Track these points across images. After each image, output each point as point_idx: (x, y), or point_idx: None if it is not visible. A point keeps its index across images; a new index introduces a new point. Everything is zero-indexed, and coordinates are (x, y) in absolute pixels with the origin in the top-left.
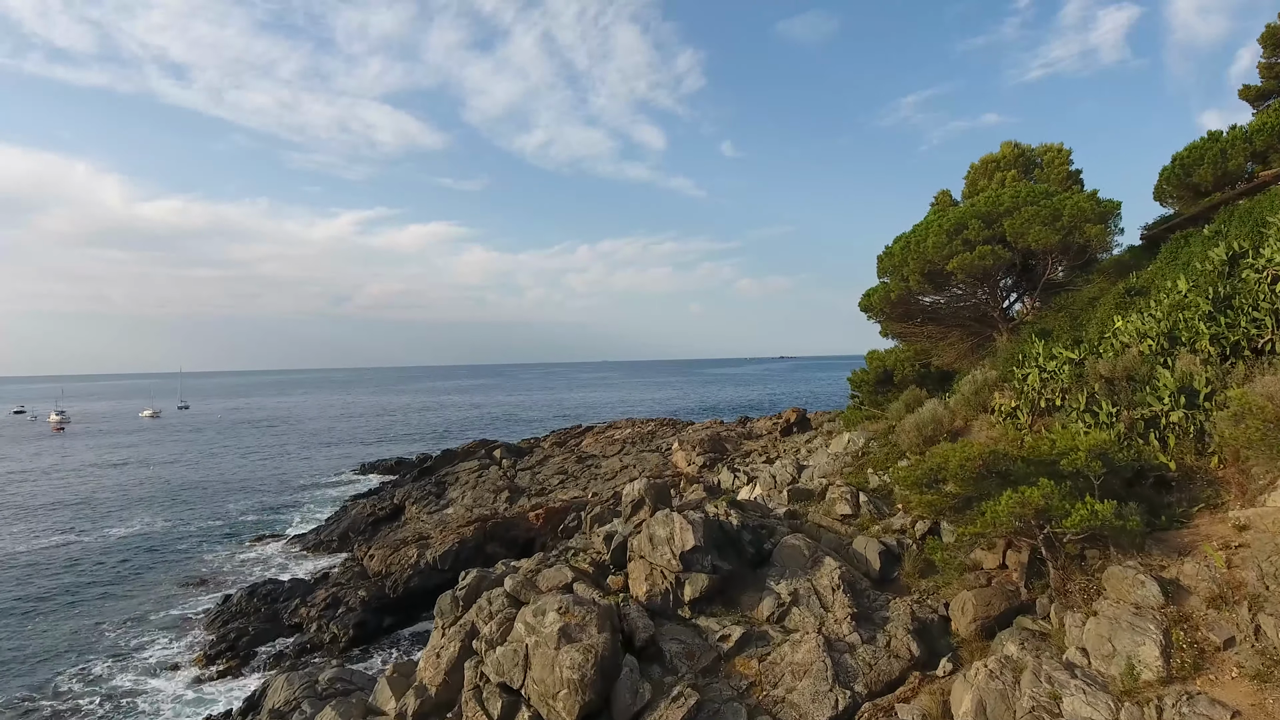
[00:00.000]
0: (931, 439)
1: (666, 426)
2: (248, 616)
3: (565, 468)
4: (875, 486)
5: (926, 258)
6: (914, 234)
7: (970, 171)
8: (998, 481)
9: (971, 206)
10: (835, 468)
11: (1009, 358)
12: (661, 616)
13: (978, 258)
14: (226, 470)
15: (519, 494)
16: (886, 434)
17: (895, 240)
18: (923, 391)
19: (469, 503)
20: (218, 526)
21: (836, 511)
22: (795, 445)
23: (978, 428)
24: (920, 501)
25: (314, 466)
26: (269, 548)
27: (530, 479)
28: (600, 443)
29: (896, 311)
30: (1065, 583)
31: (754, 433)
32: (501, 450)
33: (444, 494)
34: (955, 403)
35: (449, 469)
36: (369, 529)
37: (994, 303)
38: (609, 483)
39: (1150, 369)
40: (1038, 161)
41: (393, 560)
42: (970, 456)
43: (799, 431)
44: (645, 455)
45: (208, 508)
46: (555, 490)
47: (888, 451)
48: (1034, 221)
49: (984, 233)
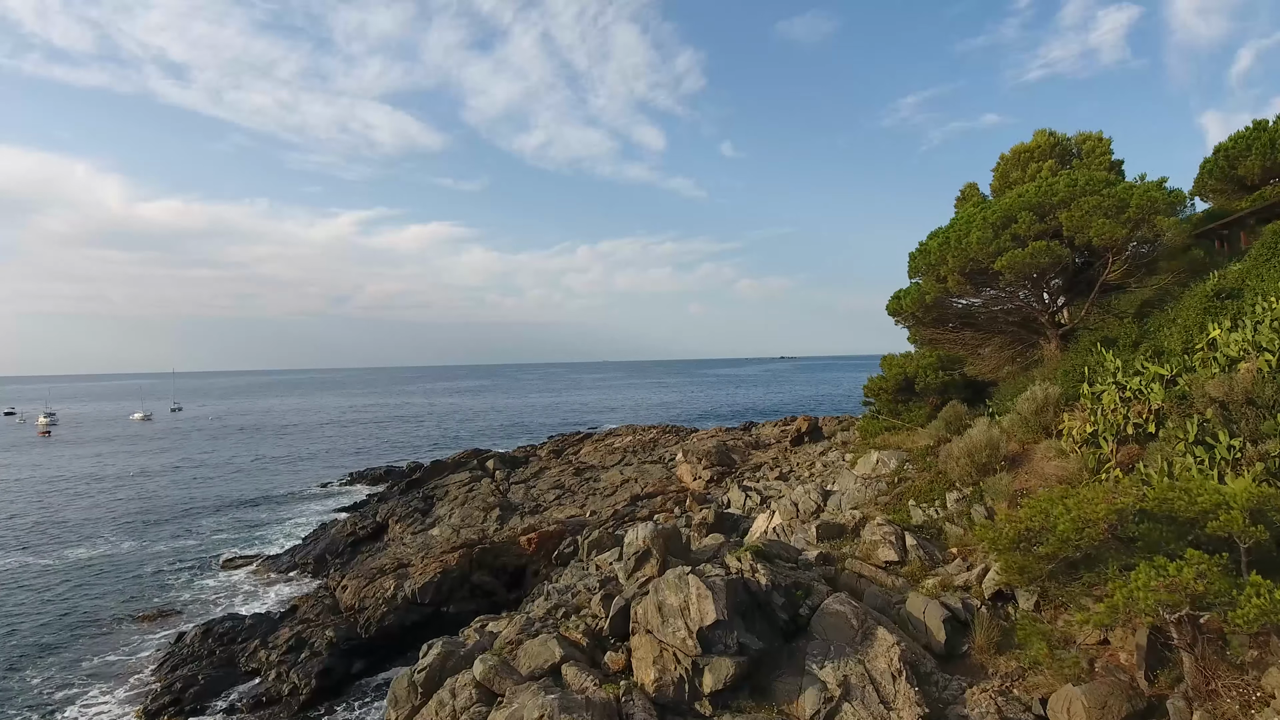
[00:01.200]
0: (985, 467)
1: (669, 434)
2: (200, 660)
3: (562, 481)
4: (920, 523)
5: (969, 255)
6: (953, 229)
7: (1000, 163)
8: (1115, 544)
9: (1020, 197)
10: (868, 496)
11: (1069, 371)
12: (674, 714)
13: (1030, 255)
14: (208, 481)
15: (511, 511)
16: (924, 456)
17: (930, 236)
18: (963, 407)
19: (456, 521)
20: (189, 547)
21: (879, 557)
22: (809, 458)
23: (1039, 455)
24: (1009, 565)
25: (300, 476)
26: (239, 572)
27: (524, 494)
28: (600, 452)
29: (930, 316)
30: (1209, 680)
31: (761, 441)
32: (494, 461)
33: (431, 510)
34: (1010, 424)
35: (438, 481)
36: (348, 550)
37: (1041, 306)
38: (609, 499)
39: (1278, 390)
40: (1074, 151)
41: (367, 593)
42: (1090, 519)
43: (810, 441)
44: (647, 467)
45: (181, 524)
46: (551, 508)
47: (931, 480)
48: (1095, 213)
49: (1036, 226)
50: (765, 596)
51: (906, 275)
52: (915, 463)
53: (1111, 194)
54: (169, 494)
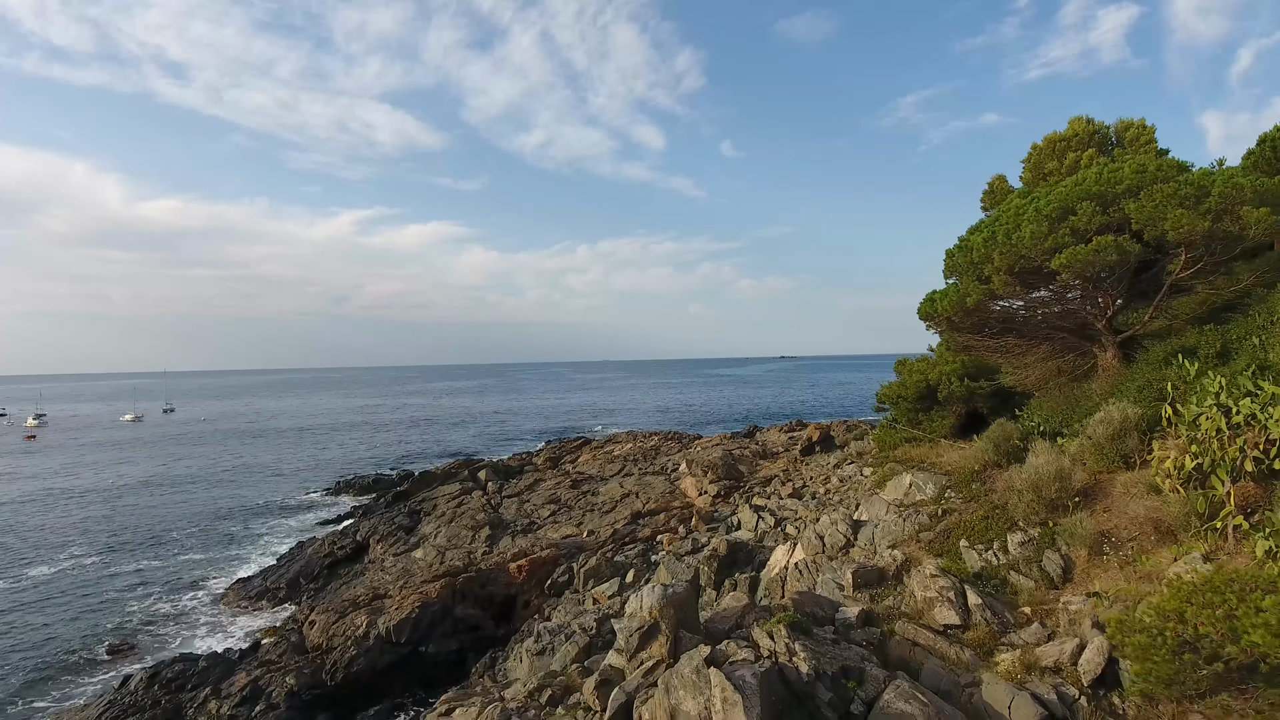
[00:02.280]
0: (1055, 503)
1: (671, 441)
2: (143, 712)
3: (558, 494)
4: (978, 571)
5: (1019, 252)
6: (1000, 223)
7: (1032, 153)
8: None
9: (1078, 185)
10: (906, 530)
11: (1144, 387)
12: None
13: (1094, 252)
14: (187, 490)
15: (502, 530)
16: (969, 482)
17: (971, 231)
18: (1012, 425)
19: (442, 542)
20: (156, 567)
21: (935, 618)
22: (822, 470)
23: (1120, 491)
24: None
25: (284, 485)
26: (205, 596)
27: (517, 509)
28: (599, 460)
29: (969, 321)
30: None
31: (769, 449)
32: (486, 471)
33: (416, 528)
34: (1079, 450)
35: (427, 494)
36: (324, 573)
37: (1097, 310)
38: (608, 516)
39: None
40: (1114, 139)
41: (337, 630)
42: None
43: (822, 450)
44: (649, 479)
45: (153, 540)
46: (545, 526)
47: (986, 515)
48: (1170, 203)
49: (1098, 219)
50: (807, 688)
51: (942, 275)
52: (959, 490)
53: (1188, 181)
54: (144, 505)
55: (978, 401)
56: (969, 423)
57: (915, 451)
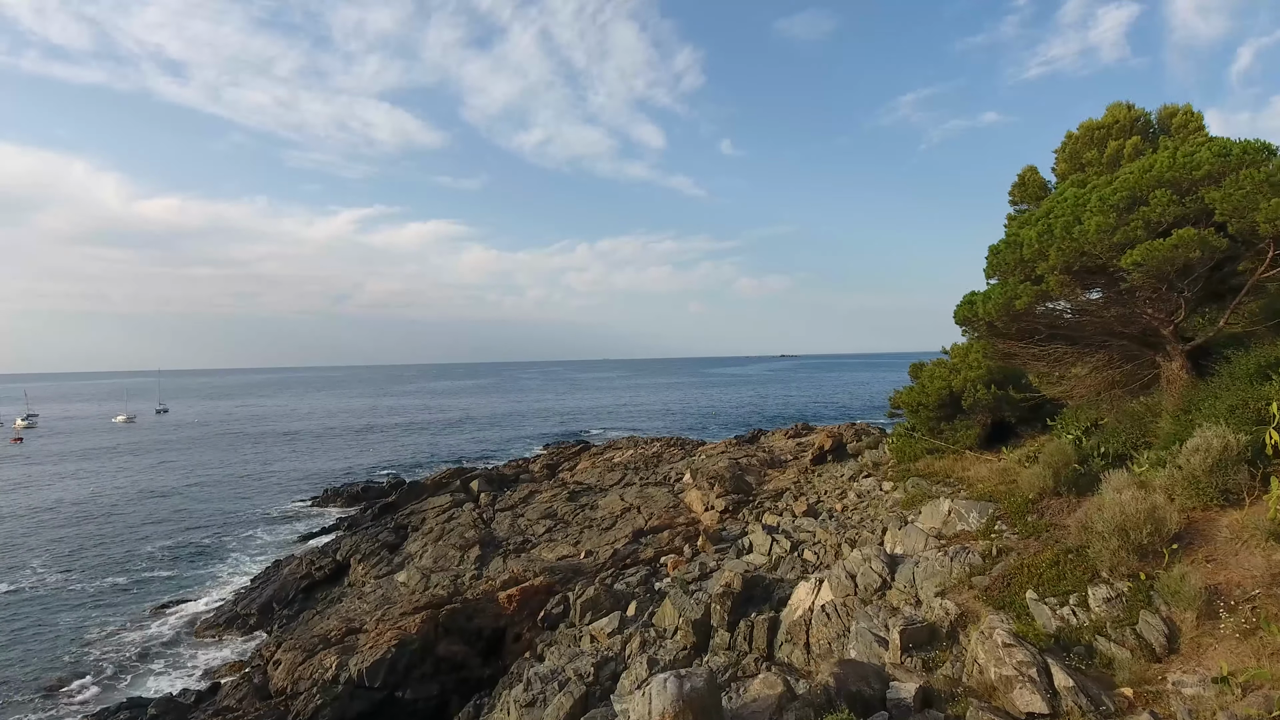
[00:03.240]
0: (1146, 549)
1: (673, 447)
2: None
3: (554, 507)
4: (1054, 633)
5: (1081, 248)
6: (1057, 215)
7: (1067, 143)
8: None
9: (1147, 171)
10: (955, 571)
11: (1236, 407)
12: None
13: (1173, 248)
14: (167, 499)
15: (493, 549)
16: (1023, 513)
17: (1022, 224)
18: (1069, 446)
19: (428, 563)
20: (119, 586)
21: (1015, 702)
22: (837, 483)
23: (1225, 534)
24: None
25: (269, 493)
26: (168, 623)
27: (510, 525)
28: (598, 468)
29: (1015, 326)
30: None
31: (777, 457)
32: (479, 481)
33: (401, 546)
34: (1168, 482)
35: (415, 505)
36: (299, 597)
37: (1164, 314)
38: (607, 533)
39: None
40: (1158, 127)
41: (304, 671)
42: None
43: (834, 460)
44: (651, 491)
45: (124, 555)
46: (540, 544)
47: (1055, 560)
48: (1262, 191)
49: (1173, 209)
50: None
51: (983, 276)
52: (1012, 522)
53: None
54: (120, 515)
55: (1005, 410)
56: (995, 433)
57: (938, 464)
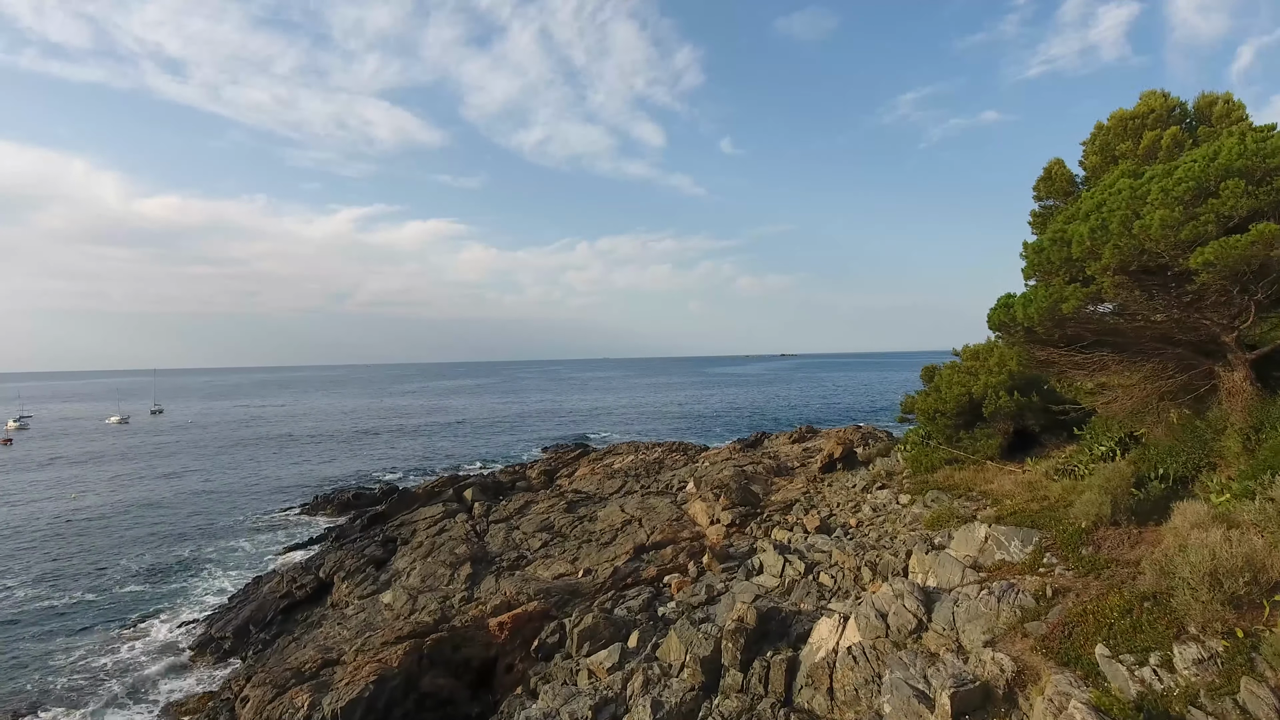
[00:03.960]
0: (1242, 600)
1: (675, 453)
2: None
3: (551, 519)
4: (1138, 699)
5: (1141, 245)
6: (1112, 208)
7: (1097, 134)
8: None
9: (1213, 160)
10: (1003, 614)
11: None
12: None
13: (1251, 245)
14: (152, 506)
15: (486, 566)
16: (1076, 544)
17: (1070, 220)
18: (1128, 470)
19: (415, 582)
20: (90, 604)
21: None
22: (849, 495)
23: None
24: None
25: (257, 501)
26: (138, 645)
27: (504, 538)
28: (597, 475)
29: (1058, 332)
30: None
31: (783, 464)
32: (473, 491)
33: (388, 562)
34: (1259, 519)
35: (406, 516)
36: (278, 619)
37: (1226, 320)
38: (607, 549)
39: None
40: (1194, 117)
41: (274, 711)
42: None
43: (844, 468)
44: (653, 501)
45: (99, 568)
46: (535, 561)
47: (1129, 609)
48: None
49: (1246, 201)
50: None
51: (1021, 276)
52: (1063, 554)
53: None
54: (101, 524)
55: (1029, 418)
56: (1017, 442)
57: (958, 476)
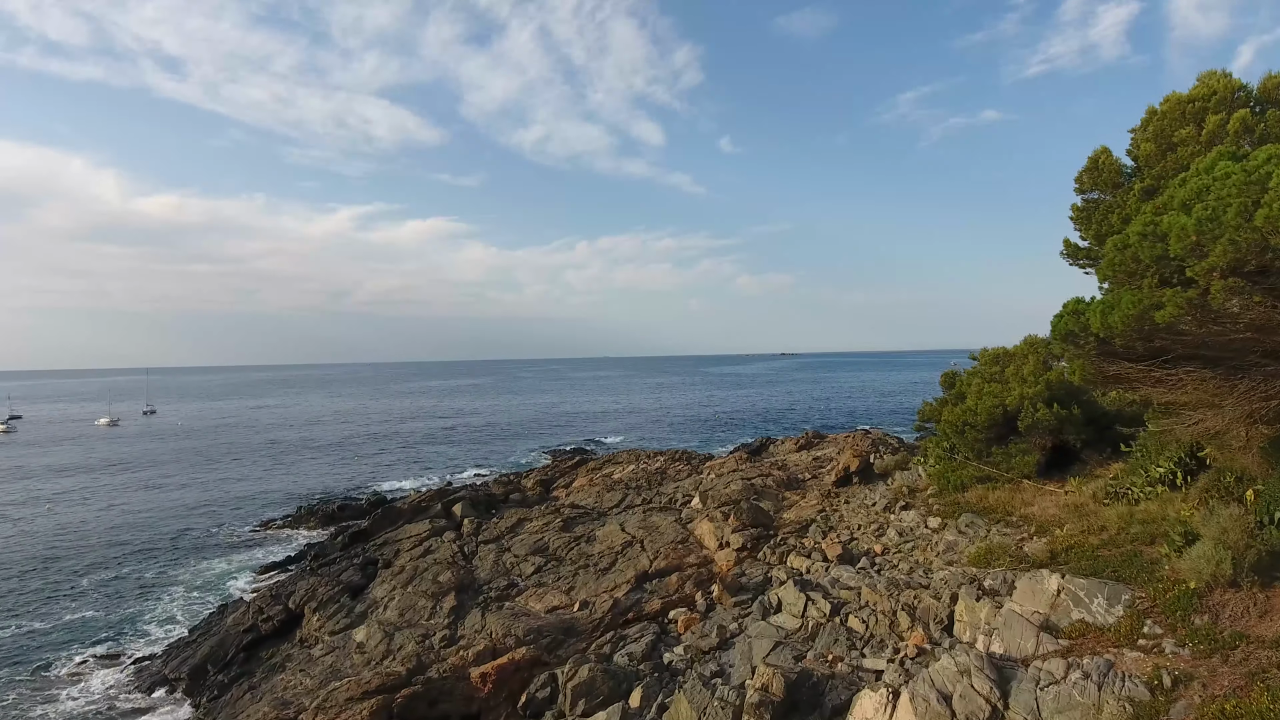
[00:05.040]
0: None
1: (679, 462)
2: None
3: (545, 539)
4: None
5: (1266, 240)
6: (1219, 195)
7: (1150, 119)
8: None
9: None
10: (1110, 710)
11: None
12: None
13: None
14: (127, 517)
15: (472, 595)
16: (1185, 610)
17: (1157, 210)
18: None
19: (393, 615)
20: (41, 634)
21: None
22: (870, 515)
23: None
24: None
25: (238, 511)
26: (90, 683)
27: (494, 562)
28: (596, 487)
29: (1143, 344)
30: None
31: (793, 475)
32: (463, 505)
33: (365, 591)
34: None
35: (390, 534)
36: (239, 656)
37: None
38: (605, 577)
39: None
40: (1260, 99)
41: None
42: None
43: (860, 482)
44: (655, 519)
45: (55, 587)
46: (526, 591)
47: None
48: None
49: None
50: None
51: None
52: (1168, 621)
53: None
54: (72, 539)
55: (1069, 433)
56: (1055, 458)
57: (993, 496)
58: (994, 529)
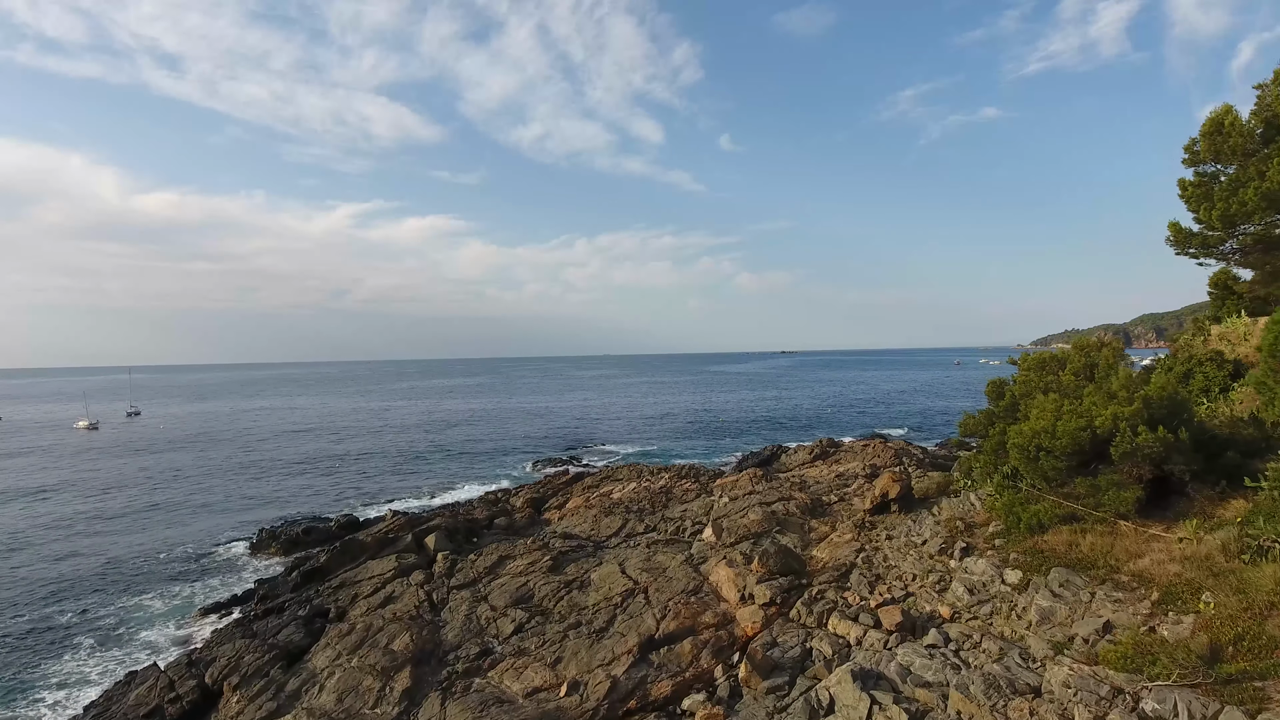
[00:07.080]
0: None
1: (686, 479)
2: None
3: (530, 584)
4: None
5: None
6: None
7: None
8: None
9: None
10: None
11: None
12: None
13: None
14: (71, 542)
15: (434, 669)
16: None
17: None
18: None
19: (330, 701)
20: None
21: None
22: (920, 557)
23: None
24: None
25: (197, 533)
26: None
27: (466, 615)
28: (592, 509)
29: None
30: None
31: (817, 498)
32: (437, 536)
33: (304, 657)
34: None
35: (348, 574)
36: None
37: None
38: (602, 642)
39: None
40: None
41: None
42: None
43: (899, 510)
44: (661, 558)
45: None
46: (504, 660)
47: None
48: None
49: None
50: None
51: None
52: None
53: None
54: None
55: (1175, 461)
56: (1154, 492)
57: (1085, 543)
58: (1099, 591)
